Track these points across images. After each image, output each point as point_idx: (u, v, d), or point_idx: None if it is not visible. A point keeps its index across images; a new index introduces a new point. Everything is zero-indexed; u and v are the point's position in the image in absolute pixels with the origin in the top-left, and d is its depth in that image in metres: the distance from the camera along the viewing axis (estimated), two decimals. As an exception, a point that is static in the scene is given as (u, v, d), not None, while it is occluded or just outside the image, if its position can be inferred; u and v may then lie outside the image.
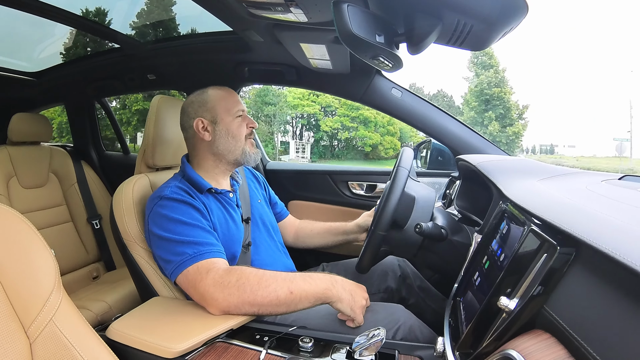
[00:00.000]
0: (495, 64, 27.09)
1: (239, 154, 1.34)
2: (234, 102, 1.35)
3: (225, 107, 1.33)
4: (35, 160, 2.31)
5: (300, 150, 29.65)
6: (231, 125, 1.33)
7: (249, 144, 1.36)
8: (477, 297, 0.80)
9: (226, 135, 1.32)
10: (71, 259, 2.30)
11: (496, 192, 1.05)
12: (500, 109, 26.86)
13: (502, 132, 26.78)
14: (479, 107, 27.28)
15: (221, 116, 1.32)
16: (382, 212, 1.19)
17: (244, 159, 1.35)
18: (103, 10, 2.09)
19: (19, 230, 0.78)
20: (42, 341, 0.75)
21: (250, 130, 1.37)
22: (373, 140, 28.48)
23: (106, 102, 2.89)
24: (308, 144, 29.61)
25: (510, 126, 26.83)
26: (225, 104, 1.34)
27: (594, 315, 0.48)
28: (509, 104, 26.94)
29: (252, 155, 1.36)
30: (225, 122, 1.32)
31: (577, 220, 0.56)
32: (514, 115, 27.15)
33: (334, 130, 29.12)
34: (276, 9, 1.17)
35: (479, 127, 26.11)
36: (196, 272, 1.08)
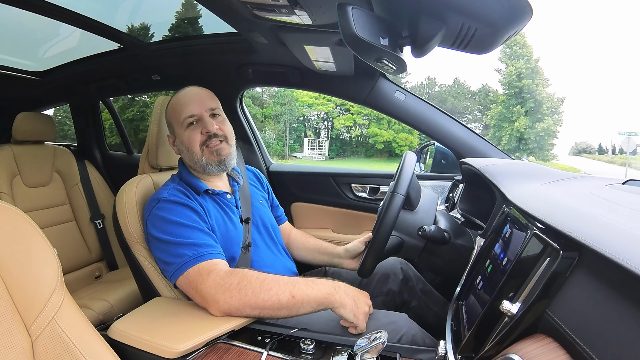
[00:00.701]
0: (528, 54, 24.99)
1: (200, 165, 1.28)
2: (181, 110, 1.27)
3: (175, 119, 1.28)
4: (39, 160, 2.32)
5: (317, 147, 29.52)
6: (183, 137, 1.27)
7: (208, 154, 1.27)
8: (480, 301, 0.80)
9: (183, 149, 1.29)
10: (74, 258, 2.31)
11: (499, 195, 1.05)
12: (530, 103, 24.53)
13: (531, 128, 24.73)
14: (507, 101, 25.54)
15: (176, 130, 1.30)
16: (385, 215, 1.18)
17: (208, 169, 1.28)
18: (147, 25, 2.10)
19: (22, 229, 0.79)
20: (43, 340, 0.75)
21: (205, 136, 1.27)
22: (384, 138, 27.95)
23: (110, 102, 2.91)
24: (326, 141, 29.52)
25: (541, 122, 24.57)
26: (175, 115, 1.28)
27: (596, 320, 0.48)
28: (540, 96, 24.48)
29: (212, 165, 1.28)
30: (179, 135, 1.28)
31: (580, 225, 0.56)
32: (545, 109, 24.72)
33: (346, 128, 28.82)
34: (280, 11, 1.17)
35: (507, 122, 24.98)
36: (197, 273, 1.07)
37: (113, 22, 1.86)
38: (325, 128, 30.08)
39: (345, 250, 1.53)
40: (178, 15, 2.12)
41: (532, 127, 24.55)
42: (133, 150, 2.94)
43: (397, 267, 1.47)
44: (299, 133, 30.11)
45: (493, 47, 0.97)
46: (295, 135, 30.13)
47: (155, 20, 2.00)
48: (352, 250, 1.51)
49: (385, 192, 2.03)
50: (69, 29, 1.97)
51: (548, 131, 24.57)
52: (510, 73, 25.28)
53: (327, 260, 1.58)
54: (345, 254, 1.53)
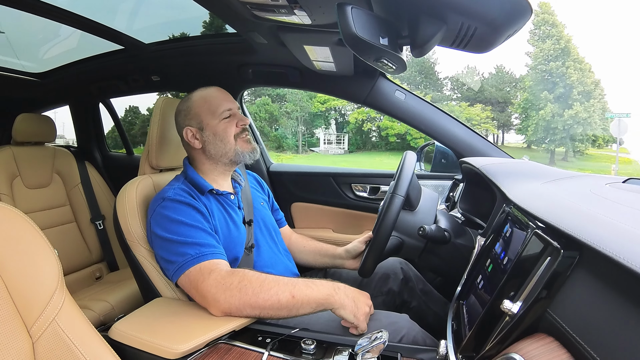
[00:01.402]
0: (557, 33, 23.35)
1: (231, 155, 1.33)
2: (218, 104, 1.32)
3: (208, 111, 1.32)
4: (39, 161, 2.32)
5: (335, 141, 29.83)
6: (217, 128, 1.31)
7: (241, 142, 1.34)
8: (480, 300, 0.80)
9: (214, 140, 1.31)
10: (74, 259, 2.31)
11: (499, 195, 1.05)
12: (560, 88, 22.76)
13: (559, 115, 22.77)
14: (534, 87, 23.79)
15: (206, 121, 1.31)
16: (385, 214, 1.18)
17: (239, 159, 1.34)
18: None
19: (22, 230, 0.79)
20: (44, 341, 0.75)
21: (240, 128, 1.34)
22: (396, 130, 27.83)
23: (110, 103, 2.91)
24: (345, 134, 29.71)
25: (570, 108, 22.41)
26: (209, 107, 1.32)
27: (597, 319, 0.48)
28: (570, 80, 22.52)
29: (246, 153, 1.34)
30: (211, 127, 1.31)
31: (580, 224, 0.56)
32: (576, 94, 22.54)
33: (359, 122, 28.86)
34: (280, 12, 1.17)
35: (535, 111, 23.37)
36: (198, 273, 1.08)
37: (113, 23, 1.86)
38: (341, 122, 30.37)
39: (345, 251, 1.53)
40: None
41: (560, 114, 22.87)
42: (133, 151, 2.94)
43: (398, 267, 1.47)
44: (315, 128, 30.57)
45: (493, 46, 0.97)
46: (311, 130, 30.64)
47: (155, 21, 2.00)
48: (352, 250, 1.52)
49: (385, 192, 2.03)
50: (69, 30, 1.97)
51: (577, 119, 22.60)
52: (536, 55, 23.72)
53: (328, 262, 1.58)
54: (345, 254, 1.53)
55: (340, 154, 28.70)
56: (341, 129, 30.24)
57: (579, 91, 23.05)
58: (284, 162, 3.02)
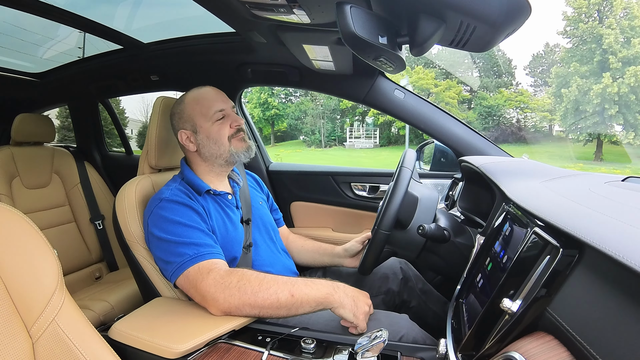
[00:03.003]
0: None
1: (226, 156, 1.32)
2: (210, 105, 1.31)
3: (201, 113, 1.31)
4: (38, 161, 2.32)
5: (364, 136, 30.33)
6: (210, 130, 1.31)
7: (235, 142, 1.33)
8: (480, 299, 0.80)
9: (208, 142, 1.31)
10: (74, 259, 2.31)
11: (499, 193, 1.05)
12: (597, 56, 19.17)
13: (584, 93, 20.08)
14: (569, 58, 20.42)
15: (199, 124, 1.31)
16: (386, 211, 1.19)
17: (234, 159, 1.33)
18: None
19: (21, 231, 0.79)
20: (44, 341, 0.75)
21: (234, 129, 1.33)
22: (403, 123, 27.78)
23: (109, 103, 2.90)
24: (377, 128, 29.90)
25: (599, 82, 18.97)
26: (201, 109, 1.31)
27: (597, 317, 0.48)
28: (606, 42, 18.86)
29: (240, 152, 1.33)
30: (205, 129, 1.31)
31: (580, 222, 0.56)
32: (614, 61, 18.99)
33: (376, 115, 28.95)
34: (279, 11, 1.17)
35: (566, 88, 20.91)
36: (197, 272, 1.08)
37: (112, 23, 1.86)
38: (362, 116, 30.88)
39: (344, 250, 1.54)
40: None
41: (587, 91, 19.72)
42: (132, 151, 2.94)
43: (397, 267, 1.47)
44: (341, 123, 31.39)
45: (492, 45, 0.97)
46: (335, 125, 31.38)
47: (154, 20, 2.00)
48: (350, 249, 1.53)
49: (384, 191, 2.03)
50: (67, 30, 1.97)
51: (605, 94, 19.48)
52: (570, 18, 20.55)
53: (327, 261, 1.59)
54: (344, 253, 1.54)
55: (371, 147, 28.93)
56: (371, 125, 30.61)
57: (620, 57, 19.82)
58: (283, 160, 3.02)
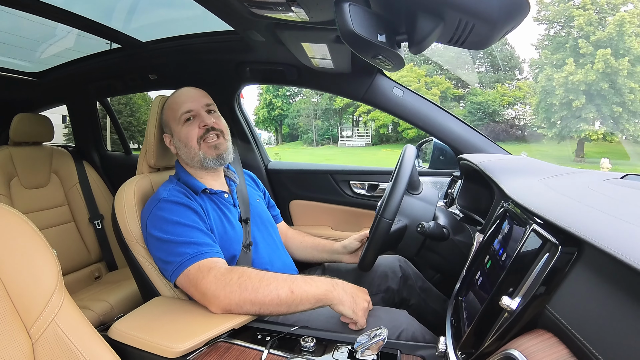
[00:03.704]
0: None
1: (198, 159, 1.30)
2: (177, 107, 1.30)
3: (172, 117, 1.31)
4: (36, 161, 2.32)
5: (356, 135, 31.13)
6: (180, 133, 1.30)
7: (205, 148, 1.30)
8: (479, 297, 0.80)
9: (181, 145, 1.31)
10: (73, 259, 2.31)
11: (498, 191, 1.05)
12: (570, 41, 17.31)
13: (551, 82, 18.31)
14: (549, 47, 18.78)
15: (172, 127, 1.32)
16: (389, 200, 1.18)
17: (206, 164, 1.30)
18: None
19: (20, 231, 0.79)
20: (44, 341, 0.75)
21: (203, 130, 1.29)
22: (382, 122, 28.41)
23: (107, 102, 2.90)
24: (370, 128, 30.45)
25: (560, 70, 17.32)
26: (171, 112, 1.31)
27: (596, 314, 0.48)
28: (576, 23, 17.07)
29: (210, 159, 1.30)
30: (176, 132, 1.31)
31: (578, 220, 0.56)
32: (585, 45, 17.87)
33: (364, 115, 29.72)
34: (277, 9, 1.17)
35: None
36: (197, 271, 1.08)
37: (110, 21, 1.86)
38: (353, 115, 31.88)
39: (342, 247, 1.55)
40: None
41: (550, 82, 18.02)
42: (131, 150, 2.94)
43: (396, 265, 1.47)
44: (335, 122, 32.57)
45: (491, 43, 0.97)
46: (330, 125, 32.41)
47: (152, 19, 1.99)
48: (349, 246, 1.53)
49: (384, 189, 2.03)
50: (65, 29, 1.97)
51: (567, 85, 17.92)
52: (541, 2, 18.98)
53: (326, 257, 1.59)
54: (343, 250, 1.54)
55: (363, 146, 29.51)
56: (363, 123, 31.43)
57: (593, 40, 18.22)
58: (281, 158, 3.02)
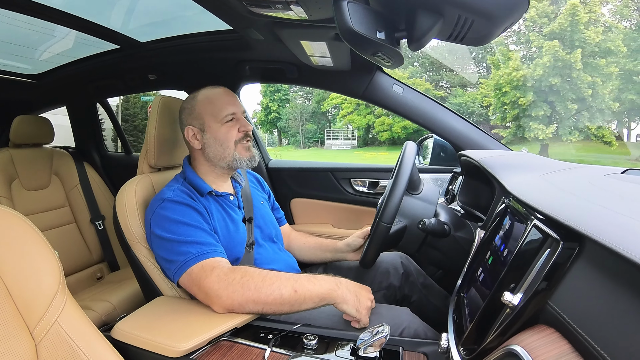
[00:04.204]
0: None
1: (229, 160, 1.31)
2: (221, 107, 1.31)
3: (211, 114, 1.30)
4: (37, 162, 2.32)
5: (342, 138, 31.41)
6: (218, 132, 1.30)
7: (241, 149, 1.32)
8: (481, 293, 0.80)
9: (214, 143, 1.31)
10: (75, 260, 2.31)
11: (499, 187, 1.05)
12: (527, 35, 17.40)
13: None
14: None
15: (208, 123, 1.30)
16: (387, 203, 1.18)
17: (236, 165, 1.32)
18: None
19: (22, 233, 0.79)
20: (47, 342, 0.75)
21: (242, 134, 1.32)
22: (356, 124, 28.98)
23: (107, 103, 2.90)
24: (356, 130, 30.77)
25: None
26: (212, 109, 1.31)
27: (598, 309, 0.48)
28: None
29: (244, 160, 1.32)
30: (213, 130, 1.30)
31: (580, 215, 0.56)
32: (535, 40, 17.68)
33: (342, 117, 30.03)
34: (276, 7, 1.17)
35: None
36: (200, 270, 1.08)
37: (108, 22, 1.85)
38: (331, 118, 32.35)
39: (346, 245, 1.55)
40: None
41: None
42: (132, 151, 2.94)
43: (398, 261, 1.48)
44: (322, 126, 33.01)
45: (490, 39, 0.97)
46: (319, 127, 32.88)
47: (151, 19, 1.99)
48: (352, 244, 1.54)
49: (384, 186, 2.03)
50: (64, 31, 1.96)
51: (511, 82, 17.39)
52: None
53: (330, 256, 1.59)
54: (346, 248, 1.55)
55: (347, 149, 29.88)
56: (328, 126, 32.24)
57: (547, 32, 17.88)
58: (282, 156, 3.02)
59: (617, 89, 19.15)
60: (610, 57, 19.08)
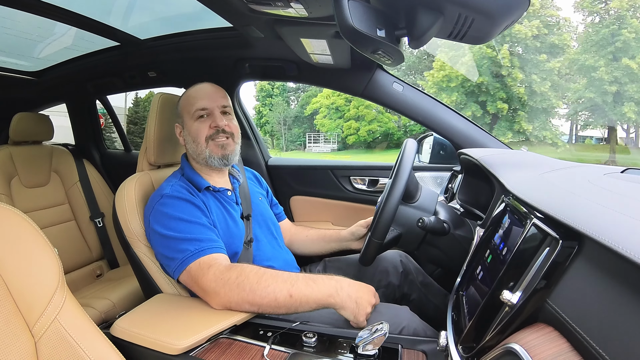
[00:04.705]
0: None
1: (203, 156, 1.31)
2: (193, 102, 1.31)
3: (187, 110, 1.32)
4: (37, 160, 2.32)
5: (322, 141, 31.25)
6: (191, 128, 1.31)
7: (212, 146, 1.31)
8: (480, 291, 0.80)
9: (189, 140, 1.32)
10: (74, 257, 2.31)
11: (498, 185, 1.05)
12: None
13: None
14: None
15: (184, 120, 1.33)
16: (380, 216, 1.18)
17: (210, 162, 1.31)
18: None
19: (22, 230, 0.79)
20: (47, 340, 0.75)
21: (213, 130, 1.30)
22: (326, 128, 28.91)
23: (107, 100, 2.89)
24: (334, 134, 30.61)
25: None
26: (187, 105, 1.32)
27: (596, 308, 0.48)
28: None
29: (215, 158, 1.31)
30: (188, 126, 1.32)
31: (579, 214, 0.56)
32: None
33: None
34: (276, 5, 1.16)
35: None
36: (198, 268, 1.09)
37: (108, 19, 1.85)
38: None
39: (350, 234, 1.55)
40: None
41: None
42: (131, 148, 2.94)
43: (397, 260, 1.48)
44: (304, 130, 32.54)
45: (490, 38, 0.97)
46: (302, 131, 32.44)
47: (151, 16, 1.99)
48: (356, 233, 1.54)
49: (384, 184, 2.03)
50: (64, 28, 1.96)
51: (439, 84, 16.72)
52: None
53: (335, 246, 1.59)
54: (350, 236, 1.55)
55: (327, 152, 29.92)
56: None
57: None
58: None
59: (568, 87, 18.39)
60: (557, 53, 18.26)
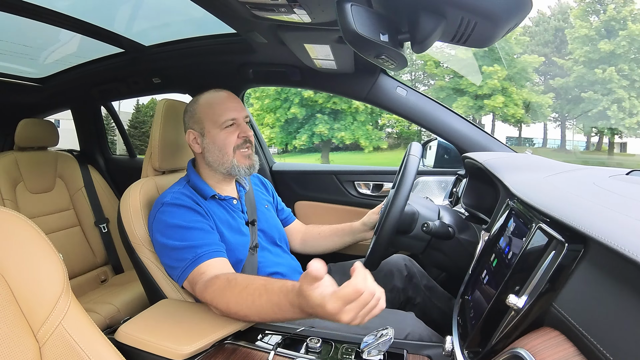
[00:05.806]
0: None
1: (228, 166, 1.30)
2: (222, 112, 1.29)
3: (211, 118, 1.29)
4: (42, 166, 2.33)
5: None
6: (217, 137, 1.29)
7: (239, 156, 1.30)
8: (485, 296, 0.80)
9: (213, 148, 1.30)
10: (79, 262, 2.32)
11: (503, 189, 1.05)
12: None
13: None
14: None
15: (207, 128, 1.30)
16: (393, 203, 1.18)
17: (234, 172, 1.31)
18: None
19: (27, 235, 0.79)
20: (51, 345, 0.75)
21: (242, 140, 1.30)
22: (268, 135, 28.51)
23: (112, 106, 2.91)
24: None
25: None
26: (212, 114, 1.29)
27: (603, 312, 0.48)
28: None
29: (242, 168, 1.30)
30: (212, 135, 1.29)
31: (584, 217, 0.56)
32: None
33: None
34: (279, 10, 1.17)
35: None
36: (195, 276, 1.10)
37: (112, 26, 1.86)
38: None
39: (363, 224, 1.55)
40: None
41: None
42: (135, 154, 2.95)
43: (402, 263, 1.47)
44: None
45: (494, 40, 0.97)
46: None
47: (155, 23, 2.00)
48: (369, 222, 1.53)
49: (389, 189, 2.03)
50: (69, 35, 1.98)
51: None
52: None
53: (349, 240, 1.59)
54: (363, 227, 1.55)
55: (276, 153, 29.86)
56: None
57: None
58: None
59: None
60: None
